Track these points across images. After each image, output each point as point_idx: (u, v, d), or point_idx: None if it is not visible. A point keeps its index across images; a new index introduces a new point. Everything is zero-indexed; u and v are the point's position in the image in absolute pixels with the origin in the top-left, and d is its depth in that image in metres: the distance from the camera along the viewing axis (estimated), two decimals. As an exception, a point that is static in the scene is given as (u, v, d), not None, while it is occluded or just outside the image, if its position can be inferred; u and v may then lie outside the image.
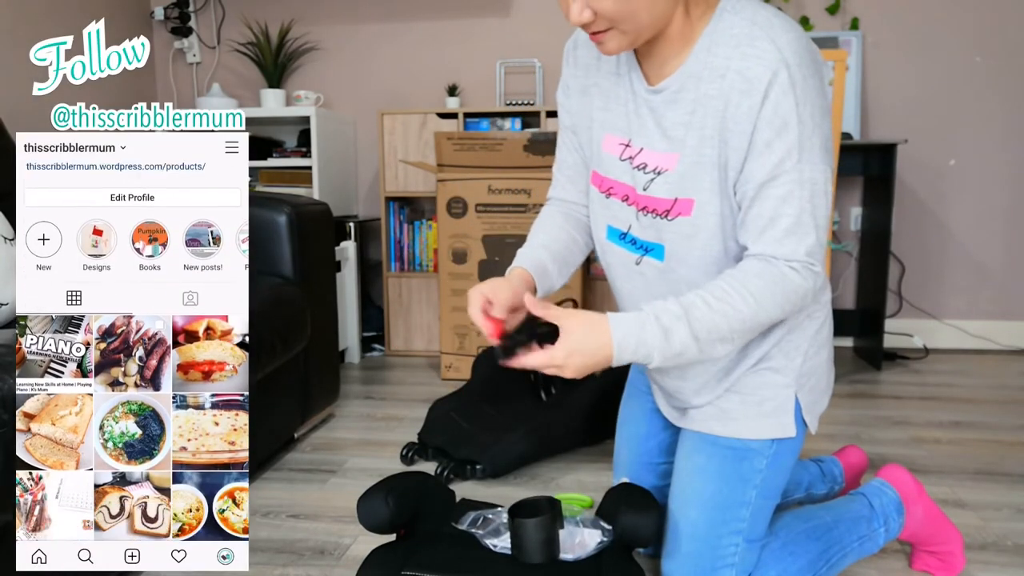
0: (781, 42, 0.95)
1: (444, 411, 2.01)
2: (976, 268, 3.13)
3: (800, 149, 0.96)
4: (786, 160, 0.96)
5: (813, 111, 0.95)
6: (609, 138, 1.13)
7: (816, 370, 1.19)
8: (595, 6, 0.94)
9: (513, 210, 2.61)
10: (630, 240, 1.14)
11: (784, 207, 0.98)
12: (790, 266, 1.00)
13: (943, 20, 3.01)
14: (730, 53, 0.98)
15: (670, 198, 1.06)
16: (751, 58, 0.96)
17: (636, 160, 1.09)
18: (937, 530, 1.32)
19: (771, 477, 1.17)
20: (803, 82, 0.94)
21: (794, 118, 0.95)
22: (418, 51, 3.30)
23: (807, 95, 0.95)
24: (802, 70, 0.95)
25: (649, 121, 1.07)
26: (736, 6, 1.01)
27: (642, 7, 0.95)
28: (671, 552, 1.17)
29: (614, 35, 0.98)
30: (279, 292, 1.91)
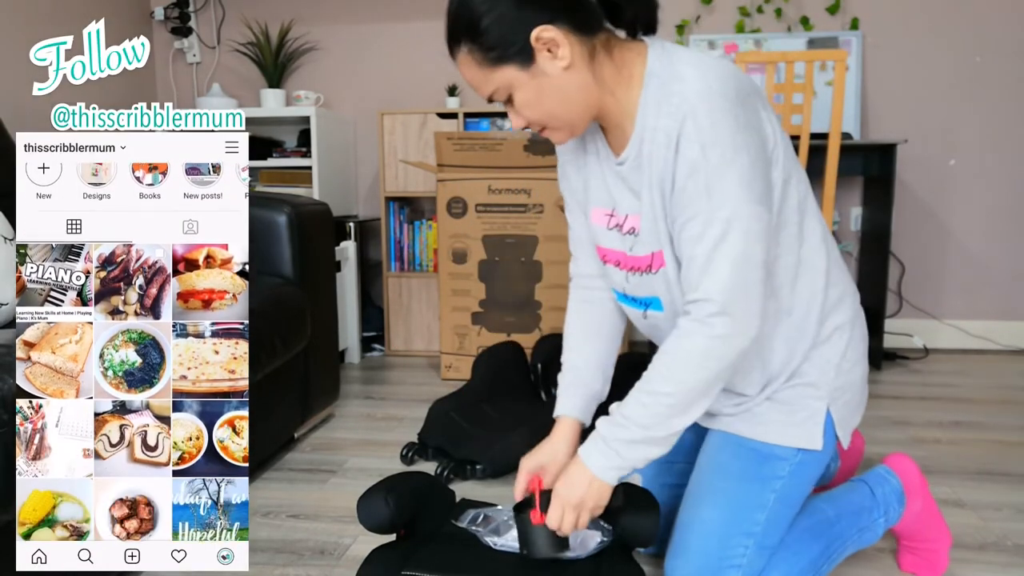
0: (689, 93, 1.00)
1: (444, 411, 2.01)
2: (976, 268, 3.13)
3: (709, 191, 0.99)
4: (697, 203, 1.00)
5: (724, 151, 0.98)
6: (596, 211, 1.20)
7: (851, 386, 1.20)
8: (521, 115, 1.06)
9: (513, 210, 2.61)
10: (630, 299, 1.21)
11: (696, 248, 1.02)
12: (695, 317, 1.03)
13: (943, 20, 3.01)
14: (655, 113, 1.04)
15: (647, 254, 1.13)
16: (664, 116, 1.02)
17: (624, 226, 1.16)
18: (929, 528, 1.32)
19: (792, 486, 1.17)
20: (710, 126, 0.98)
21: (700, 162, 0.99)
22: (418, 51, 3.30)
23: (717, 137, 0.98)
24: (710, 115, 0.98)
25: (623, 188, 1.14)
26: (659, 66, 1.05)
27: (557, 108, 1.05)
28: (678, 549, 1.16)
29: (550, 132, 1.09)
30: (279, 292, 1.91)
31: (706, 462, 1.22)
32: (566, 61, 1.01)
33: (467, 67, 1.04)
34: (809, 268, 1.15)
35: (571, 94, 1.04)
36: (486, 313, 2.69)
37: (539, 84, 1.02)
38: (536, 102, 1.04)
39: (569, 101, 1.05)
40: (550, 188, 2.57)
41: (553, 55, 1.01)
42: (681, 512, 1.19)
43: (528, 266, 2.63)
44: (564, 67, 1.01)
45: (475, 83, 1.05)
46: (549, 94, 1.03)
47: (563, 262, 2.58)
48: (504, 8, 0.99)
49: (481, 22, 0.99)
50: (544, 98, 1.04)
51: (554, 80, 1.02)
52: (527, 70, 1.01)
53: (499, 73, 1.02)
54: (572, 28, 1.01)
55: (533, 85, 1.02)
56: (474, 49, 1.01)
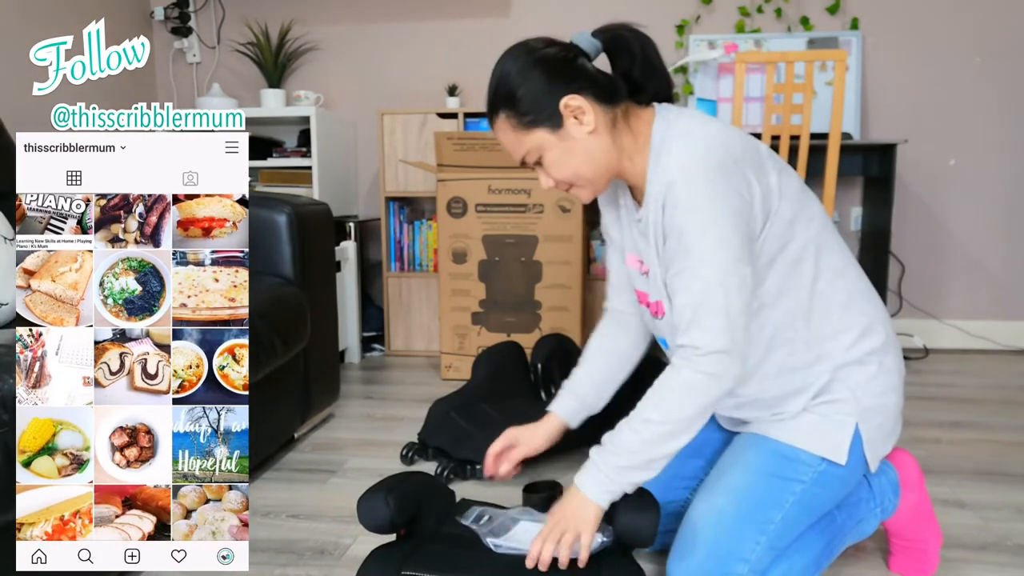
0: (671, 161, 1.11)
1: (444, 411, 2.01)
2: (976, 268, 3.13)
3: (692, 250, 1.09)
4: (682, 260, 1.10)
5: (703, 216, 1.09)
6: (631, 257, 1.32)
7: (883, 411, 1.22)
8: (550, 175, 1.19)
9: (513, 210, 2.61)
10: (659, 338, 1.34)
11: (683, 299, 1.11)
12: (684, 357, 1.11)
13: (943, 20, 3.01)
14: (654, 179, 1.15)
15: (654, 302, 1.25)
16: (655, 182, 1.14)
17: (649, 273, 1.26)
18: (921, 525, 1.33)
19: (813, 494, 1.18)
20: (687, 193, 1.09)
21: (684, 224, 1.10)
22: (418, 51, 3.30)
23: (697, 201, 1.09)
24: (691, 183, 1.09)
25: (643, 241, 1.24)
26: (660, 136, 1.16)
27: (583, 168, 1.17)
28: (687, 536, 1.16)
29: (576, 190, 1.21)
30: (279, 292, 1.91)
31: (729, 458, 1.25)
32: (591, 127, 1.14)
33: (504, 131, 1.18)
34: (825, 301, 1.20)
35: (595, 156, 1.16)
36: (486, 313, 2.69)
37: (567, 146, 1.15)
38: (563, 162, 1.16)
39: (593, 162, 1.17)
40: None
41: (579, 121, 1.14)
42: (695, 503, 1.20)
43: (528, 266, 2.63)
44: (589, 131, 1.14)
45: (510, 146, 1.19)
46: (575, 155, 1.16)
47: (563, 262, 2.61)
48: (537, 80, 1.13)
49: (517, 92, 1.13)
50: (571, 158, 1.16)
51: (580, 143, 1.15)
52: (556, 133, 1.14)
53: (531, 136, 1.15)
54: (596, 98, 1.14)
55: (561, 147, 1.15)
56: (511, 115, 1.15)
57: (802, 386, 1.21)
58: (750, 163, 1.13)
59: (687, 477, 1.36)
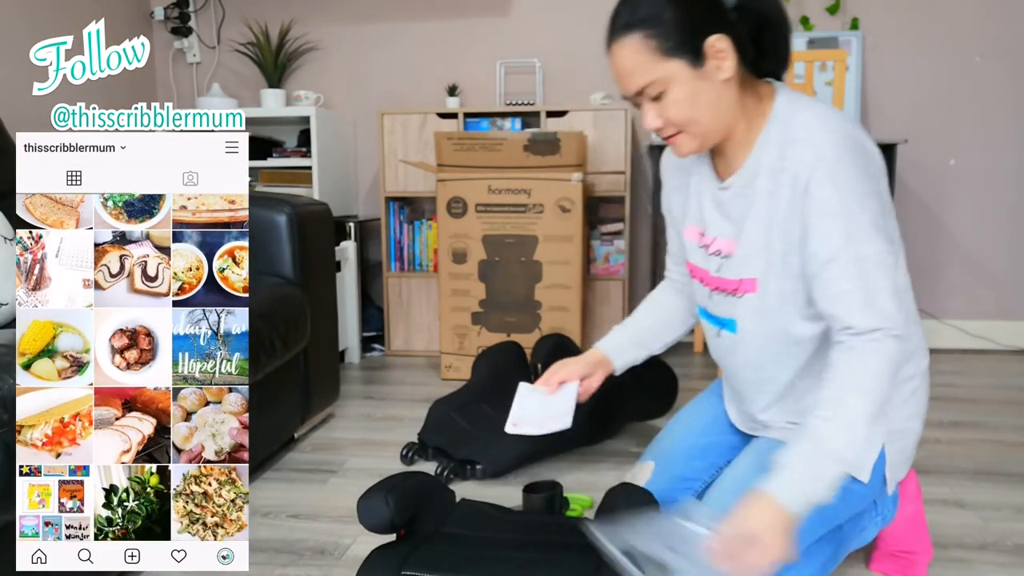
0: (818, 141, 1.07)
1: (444, 411, 2.01)
2: (976, 268, 3.13)
3: (847, 232, 1.05)
4: (836, 243, 1.06)
5: (855, 196, 1.06)
6: (690, 228, 1.28)
7: (907, 436, 1.22)
8: (665, 114, 1.11)
9: (513, 210, 2.61)
10: (709, 315, 1.29)
11: (845, 285, 1.06)
12: (867, 339, 1.04)
13: (943, 20, 3.01)
14: (780, 154, 1.11)
15: (736, 279, 1.19)
16: (793, 159, 1.09)
17: (711, 247, 1.23)
18: (914, 535, 1.33)
19: (831, 507, 1.13)
20: (841, 172, 1.06)
21: (836, 206, 1.05)
22: (418, 51, 3.30)
23: (847, 183, 1.06)
24: (840, 163, 1.06)
25: (717, 212, 1.21)
26: (786, 111, 1.13)
27: (705, 114, 1.11)
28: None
29: (684, 138, 1.14)
30: (279, 292, 1.91)
31: (751, 460, 1.21)
32: (728, 74, 1.09)
33: (633, 54, 1.08)
34: None
35: (721, 106, 1.11)
36: (486, 313, 2.69)
37: (698, 87, 1.08)
38: (688, 103, 1.09)
39: (717, 113, 1.11)
40: (550, 188, 2.57)
41: (719, 65, 1.08)
42: (708, 505, 1.17)
43: (528, 266, 2.63)
44: (724, 79, 1.09)
45: (633, 71, 1.09)
46: (704, 98, 1.09)
47: (563, 262, 2.61)
48: (689, 7, 1.07)
49: (665, 13, 1.06)
50: (697, 101, 1.09)
51: (712, 88, 1.09)
52: (694, 69, 1.07)
53: (667, 64, 1.07)
54: (736, 49, 1.09)
55: (692, 86, 1.08)
56: (651, 36, 1.06)
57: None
58: (880, 163, 1.12)
59: (689, 479, 1.35)
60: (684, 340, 3.32)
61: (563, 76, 3.19)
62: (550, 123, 2.96)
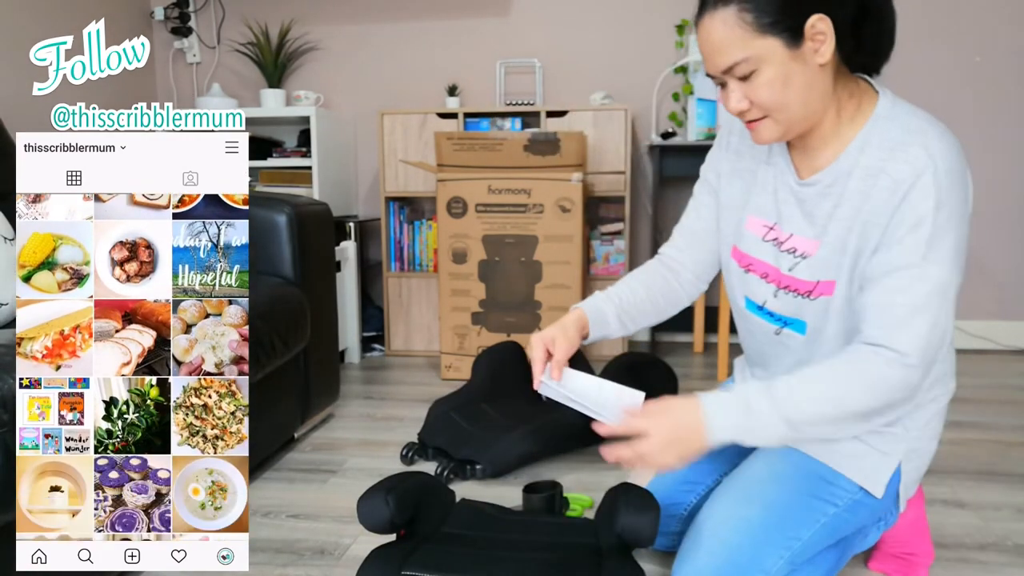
0: (933, 149, 1.02)
1: (444, 411, 2.01)
2: (976, 268, 3.12)
3: (929, 247, 1.00)
4: (913, 255, 1.01)
5: (951, 215, 1.00)
6: (753, 219, 1.21)
7: (922, 455, 1.21)
8: (752, 96, 1.04)
9: (513, 210, 2.61)
10: (767, 312, 1.21)
11: (899, 297, 1.02)
12: (881, 354, 1.02)
13: (943, 20, 3.01)
14: (884, 156, 1.05)
15: (812, 280, 1.13)
16: (902, 162, 1.02)
17: (784, 244, 1.17)
18: (916, 538, 1.33)
19: (843, 519, 1.15)
20: (948, 187, 1.00)
21: (929, 218, 1.00)
22: (418, 51, 3.30)
23: (948, 199, 1.00)
24: (949, 176, 1.01)
25: (797, 210, 1.15)
26: (891, 112, 1.08)
27: (795, 100, 1.04)
28: (704, 539, 1.12)
29: (768, 124, 1.07)
30: (279, 292, 1.91)
31: (761, 467, 1.19)
32: (825, 59, 1.02)
33: (725, 28, 1.01)
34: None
35: (813, 93, 1.05)
36: (486, 313, 2.69)
37: (792, 69, 1.02)
38: (780, 85, 1.02)
39: (808, 99, 1.05)
40: (550, 188, 2.57)
41: (816, 48, 1.01)
42: (715, 506, 1.15)
43: (528, 266, 2.63)
44: (821, 63, 1.02)
45: (723, 46, 1.02)
46: (796, 82, 1.03)
47: (563, 262, 2.61)
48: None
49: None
50: (790, 84, 1.03)
51: (808, 71, 1.02)
52: (791, 49, 1.01)
53: (762, 42, 1.00)
54: (836, 34, 1.02)
55: (787, 68, 1.01)
56: (748, 10, 1.00)
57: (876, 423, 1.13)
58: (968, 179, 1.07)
59: (693, 481, 1.34)
60: (684, 340, 3.34)
61: (563, 76, 3.19)
62: (550, 123, 2.96)
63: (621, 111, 2.91)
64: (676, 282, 1.33)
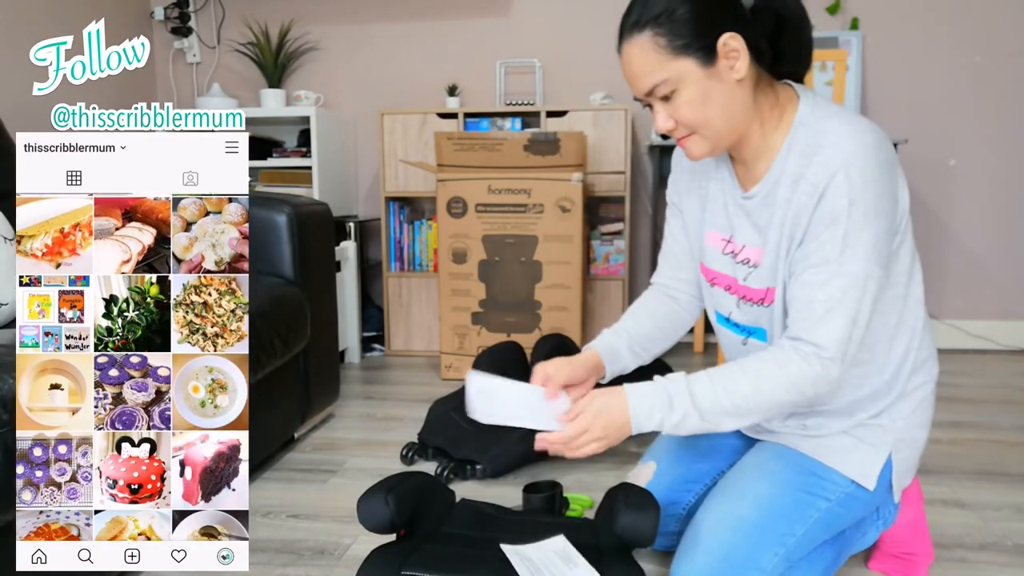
0: (845, 149, 1.04)
1: (444, 411, 2.01)
2: (976, 268, 3.13)
3: (844, 244, 1.04)
4: (830, 251, 1.05)
5: (866, 212, 1.03)
6: (711, 234, 1.25)
7: (913, 444, 1.22)
8: (676, 115, 1.08)
9: (513, 210, 2.61)
10: (733, 324, 1.25)
11: (818, 293, 1.06)
12: (799, 350, 1.07)
13: (943, 20, 3.01)
14: (803, 161, 1.08)
15: (763, 288, 1.17)
16: (817, 165, 1.06)
17: (739, 255, 1.20)
18: (915, 538, 1.33)
19: (836, 513, 1.16)
20: (862, 185, 1.03)
21: (844, 215, 1.03)
22: (418, 51, 3.30)
23: (863, 197, 1.03)
24: (863, 175, 1.03)
25: (746, 221, 1.18)
26: (810, 117, 1.10)
27: (716, 116, 1.07)
28: (701, 540, 1.13)
29: (696, 140, 1.11)
30: (279, 292, 1.91)
31: (753, 466, 1.21)
32: (741, 74, 1.05)
33: (642, 53, 1.05)
34: (907, 328, 1.17)
35: (734, 108, 1.08)
36: (486, 313, 2.69)
37: (710, 87, 1.05)
38: (699, 103, 1.06)
39: (730, 114, 1.08)
40: (550, 188, 2.57)
41: (731, 65, 1.05)
42: (711, 506, 1.17)
43: (528, 266, 2.63)
44: (737, 79, 1.06)
45: (643, 71, 1.06)
46: (715, 99, 1.06)
47: (563, 262, 2.61)
48: (700, 5, 1.03)
49: (678, 11, 1.03)
50: (709, 102, 1.06)
51: (724, 88, 1.06)
52: (705, 69, 1.04)
53: (677, 63, 1.04)
54: (750, 49, 1.05)
55: (704, 86, 1.05)
56: (661, 35, 1.03)
57: (857, 410, 1.18)
58: (899, 171, 1.10)
59: (692, 481, 1.34)
60: (684, 340, 3.33)
61: (563, 76, 3.19)
62: (550, 123, 2.96)
63: (621, 111, 2.91)
64: (676, 304, 1.37)
